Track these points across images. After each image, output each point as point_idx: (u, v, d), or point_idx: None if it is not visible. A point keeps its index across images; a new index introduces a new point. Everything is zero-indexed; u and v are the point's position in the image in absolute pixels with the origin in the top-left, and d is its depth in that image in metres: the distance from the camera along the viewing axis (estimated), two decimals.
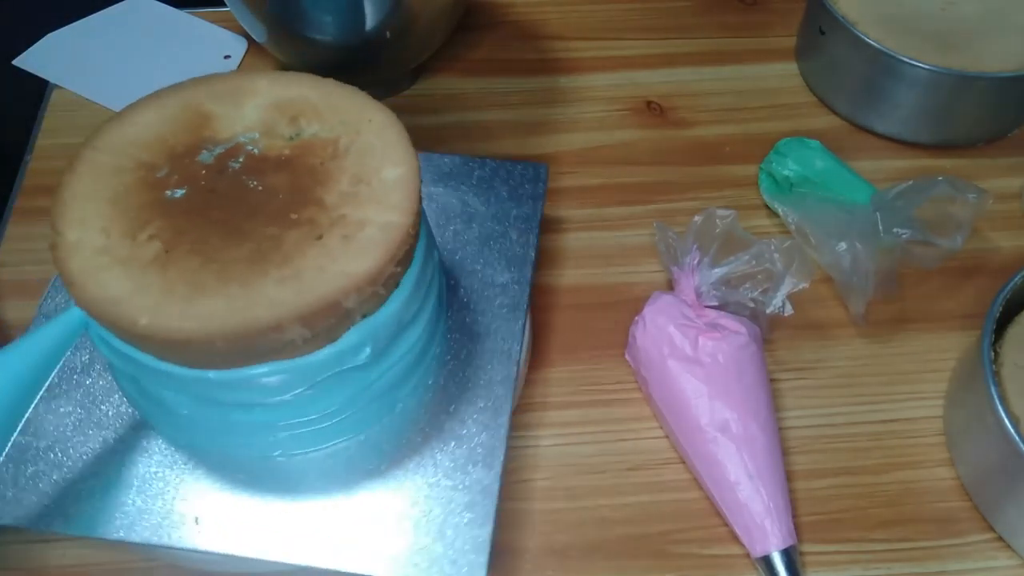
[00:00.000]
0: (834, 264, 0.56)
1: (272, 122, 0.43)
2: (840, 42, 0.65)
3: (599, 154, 0.67)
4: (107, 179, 0.41)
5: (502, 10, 0.77)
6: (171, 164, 0.41)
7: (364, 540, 0.42)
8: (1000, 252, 0.61)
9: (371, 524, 0.43)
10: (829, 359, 0.56)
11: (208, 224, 0.39)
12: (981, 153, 0.66)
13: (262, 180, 0.41)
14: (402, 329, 0.43)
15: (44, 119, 0.69)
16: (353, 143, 0.42)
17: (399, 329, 0.42)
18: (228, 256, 0.38)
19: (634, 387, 0.54)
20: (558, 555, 0.48)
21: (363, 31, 0.60)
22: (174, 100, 0.44)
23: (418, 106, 0.70)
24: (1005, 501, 0.48)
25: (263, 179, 0.41)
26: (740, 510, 0.47)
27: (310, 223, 0.39)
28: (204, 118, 0.43)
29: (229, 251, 0.38)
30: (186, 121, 0.43)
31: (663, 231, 0.55)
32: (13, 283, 0.59)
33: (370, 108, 0.44)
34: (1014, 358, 0.49)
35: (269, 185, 0.41)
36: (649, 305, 0.53)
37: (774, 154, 0.62)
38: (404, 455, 0.45)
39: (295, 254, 0.38)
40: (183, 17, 0.75)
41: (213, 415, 0.42)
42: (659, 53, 0.73)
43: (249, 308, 0.36)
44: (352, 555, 0.42)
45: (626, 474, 0.51)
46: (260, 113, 0.43)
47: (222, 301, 0.37)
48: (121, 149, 0.42)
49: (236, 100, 0.44)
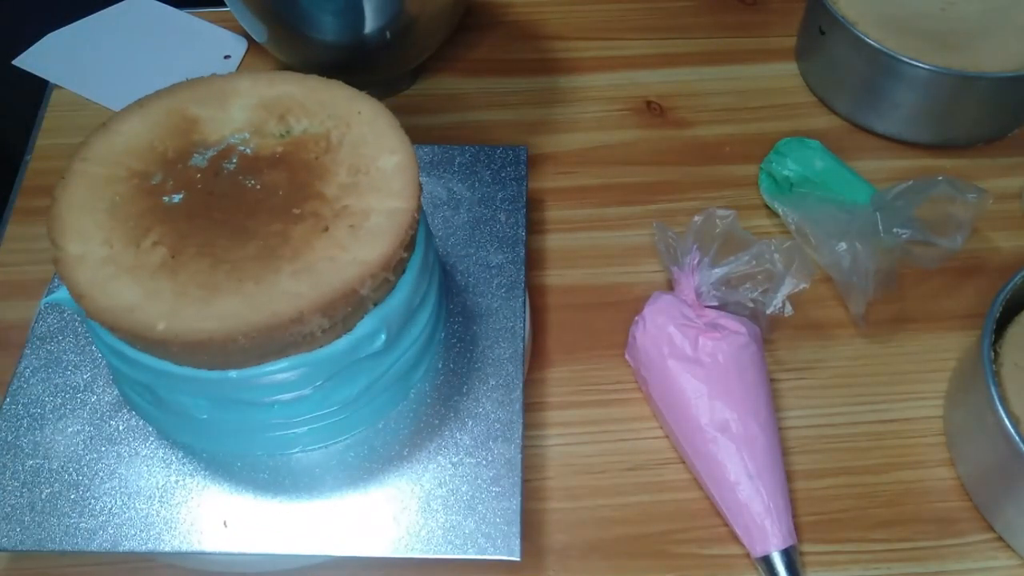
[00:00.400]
0: (834, 264, 0.56)
1: (260, 121, 0.43)
2: (840, 42, 0.65)
3: (599, 154, 0.67)
4: (101, 190, 0.41)
5: (502, 10, 0.77)
6: (164, 170, 0.41)
7: (394, 525, 0.43)
8: (1000, 252, 0.61)
9: (400, 509, 0.43)
10: (829, 359, 0.56)
11: (212, 226, 0.39)
12: (981, 153, 0.66)
13: (259, 179, 0.41)
14: (412, 313, 0.43)
15: (44, 119, 0.69)
16: (345, 135, 0.42)
17: (409, 313, 0.43)
18: (237, 255, 0.38)
19: (634, 387, 0.54)
20: (558, 555, 0.48)
21: (363, 31, 0.60)
22: (158, 106, 0.44)
23: (418, 106, 0.70)
24: (1005, 501, 0.48)
25: (260, 177, 0.41)
26: (740, 510, 0.47)
27: (314, 216, 0.40)
28: (191, 122, 0.43)
29: (237, 250, 0.38)
30: (173, 127, 0.43)
31: (663, 231, 0.55)
32: (13, 283, 0.59)
33: (357, 100, 0.44)
34: (1014, 358, 0.49)
35: (267, 183, 0.41)
36: (649, 305, 0.53)
37: (774, 154, 0.62)
38: (424, 439, 0.45)
39: (304, 248, 0.38)
40: (183, 17, 0.75)
41: (232, 416, 0.42)
42: (659, 53, 0.73)
43: (269, 303, 0.37)
44: (385, 540, 0.42)
45: (626, 474, 0.51)
46: (247, 113, 0.43)
47: (240, 299, 0.37)
48: (111, 159, 0.42)
49: (221, 102, 0.44)
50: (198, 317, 0.36)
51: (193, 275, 0.38)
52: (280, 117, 0.43)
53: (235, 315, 0.36)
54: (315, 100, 0.44)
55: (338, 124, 0.43)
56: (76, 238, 0.39)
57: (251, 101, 0.44)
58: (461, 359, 0.48)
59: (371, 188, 0.41)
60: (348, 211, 0.40)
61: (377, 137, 0.42)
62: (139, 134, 0.43)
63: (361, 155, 0.42)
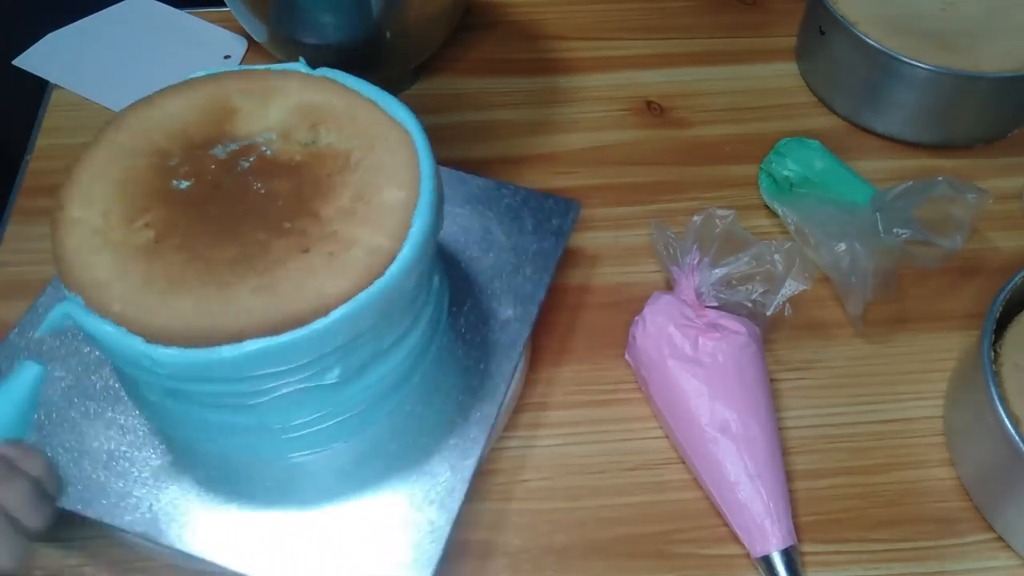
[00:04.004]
0: (833, 265, 0.56)
1: (291, 126, 0.43)
2: (840, 42, 0.65)
3: (599, 154, 0.67)
4: (120, 160, 0.41)
5: (502, 10, 0.77)
6: (184, 154, 0.42)
7: (298, 553, 0.42)
8: (1000, 252, 0.61)
9: (312, 540, 0.43)
10: (829, 359, 0.56)
11: (203, 219, 0.39)
12: (981, 153, 0.66)
13: (266, 183, 0.41)
14: (378, 356, 0.42)
15: (44, 119, 0.69)
16: (364, 159, 0.41)
17: (375, 357, 0.42)
18: (214, 255, 0.38)
19: (634, 387, 0.54)
20: (558, 555, 0.48)
21: (363, 31, 0.60)
22: (203, 90, 0.44)
23: (418, 106, 0.69)
24: (1005, 501, 0.48)
25: (268, 182, 0.41)
26: (740, 510, 0.47)
27: (301, 234, 0.39)
28: (229, 112, 0.43)
29: (216, 250, 0.38)
30: (210, 113, 0.43)
31: (661, 231, 0.55)
32: (13, 283, 0.59)
33: (392, 126, 0.43)
34: (1014, 358, 0.49)
35: (272, 189, 0.40)
36: (649, 305, 0.53)
37: (774, 154, 0.62)
38: (367, 477, 0.44)
39: (277, 264, 0.38)
40: (183, 17, 0.75)
41: (177, 406, 0.42)
42: (659, 53, 0.73)
43: (215, 315, 0.36)
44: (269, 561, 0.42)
45: (626, 474, 0.51)
46: (283, 114, 0.43)
47: (193, 301, 0.37)
48: (141, 131, 0.42)
49: (264, 98, 0.43)
50: (150, 310, 0.37)
51: (166, 265, 0.38)
52: (312, 125, 0.42)
53: (181, 317, 0.36)
54: (351, 115, 0.43)
55: (362, 145, 0.42)
56: (81, 202, 0.39)
57: (292, 102, 0.43)
58: (430, 407, 0.46)
59: (366, 219, 0.39)
60: (334, 237, 0.39)
61: (393, 168, 0.41)
62: (175, 113, 0.43)
63: (370, 183, 0.41)
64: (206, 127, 0.42)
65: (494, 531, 0.49)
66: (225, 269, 0.38)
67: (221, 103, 0.43)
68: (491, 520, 0.49)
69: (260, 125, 0.43)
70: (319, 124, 0.43)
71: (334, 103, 0.43)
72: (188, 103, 0.43)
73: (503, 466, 0.51)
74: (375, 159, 0.41)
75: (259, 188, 0.40)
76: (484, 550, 0.48)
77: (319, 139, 0.42)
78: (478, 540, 0.49)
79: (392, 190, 0.40)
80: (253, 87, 0.44)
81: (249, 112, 0.43)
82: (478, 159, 0.66)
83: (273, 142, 0.42)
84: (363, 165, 0.41)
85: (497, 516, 0.49)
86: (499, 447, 0.52)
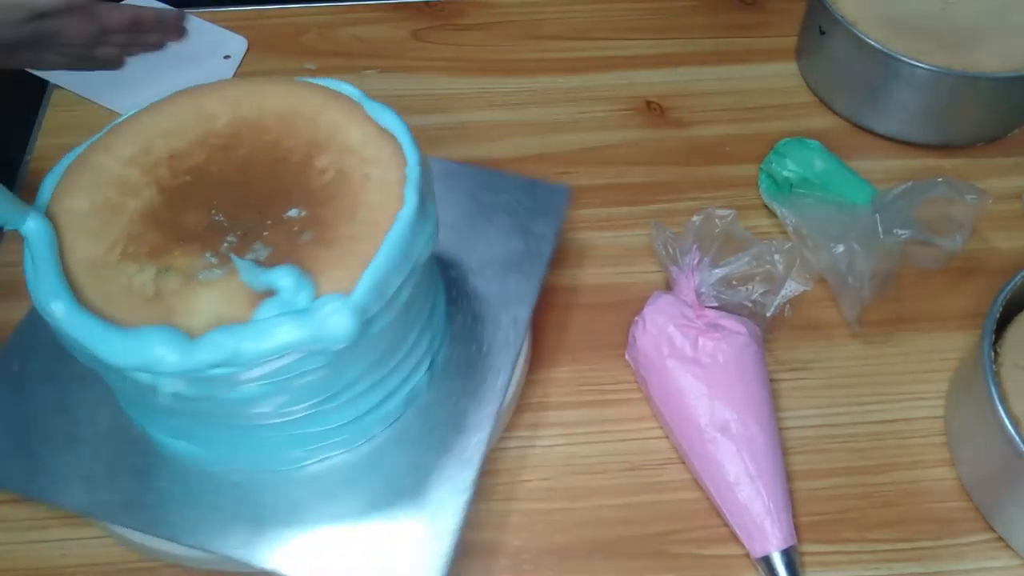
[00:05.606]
0: (830, 267, 0.56)
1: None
2: (840, 42, 0.65)
3: (599, 154, 0.67)
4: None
5: (502, 10, 0.77)
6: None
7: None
8: (1000, 252, 0.61)
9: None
10: (829, 359, 0.56)
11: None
12: (981, 153, 0.66)
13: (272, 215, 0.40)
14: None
15: (44, 119, 0.69)
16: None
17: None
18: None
19: (634, 387, 0.54)
20: (558, 555, 0.48)
21: None
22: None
23: (417, 106, 0.70)
24: (1005, 501, 0.48)
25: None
26: (740, 510, 0.47)
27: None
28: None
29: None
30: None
31: (661, 231, 0.55)
32: (13, 283, 0.59)
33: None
34: (1014, 358, 0.49)
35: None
36: (649, 305, 0.53)
37: (774, 154, 0.62)
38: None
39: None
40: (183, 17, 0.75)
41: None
42: (659, 53, 0.73)
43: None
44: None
45: (626, 474, 0.51)
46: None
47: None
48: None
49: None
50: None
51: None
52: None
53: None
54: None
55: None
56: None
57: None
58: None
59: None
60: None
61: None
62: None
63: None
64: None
65: (494, 531, 0.49)
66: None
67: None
68: (491, 520, 0.49)
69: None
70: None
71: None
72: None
73: (503, 466, 0.51)
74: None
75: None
76: (484, 550, 0.48)
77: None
78: (478, 540, 0.49)
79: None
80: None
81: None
82: (478, 159, 0.66)
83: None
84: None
85: (497, 516, 0.50)
86: (499, 447, 0.52)
